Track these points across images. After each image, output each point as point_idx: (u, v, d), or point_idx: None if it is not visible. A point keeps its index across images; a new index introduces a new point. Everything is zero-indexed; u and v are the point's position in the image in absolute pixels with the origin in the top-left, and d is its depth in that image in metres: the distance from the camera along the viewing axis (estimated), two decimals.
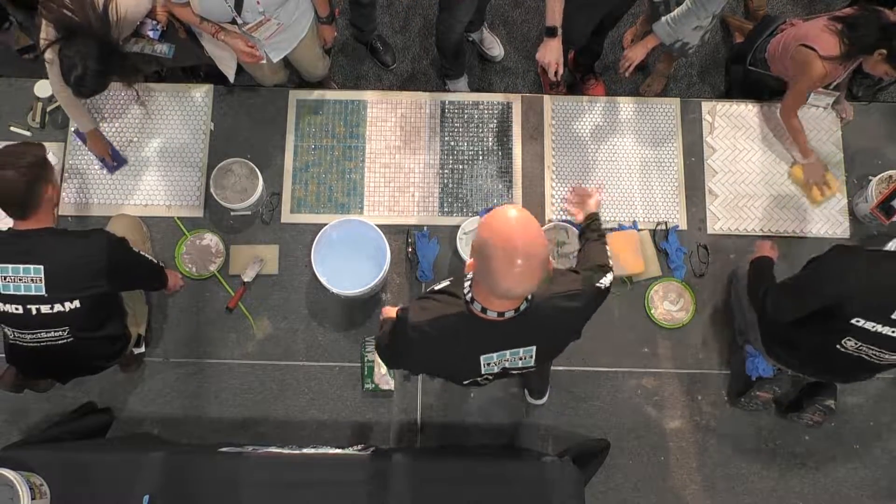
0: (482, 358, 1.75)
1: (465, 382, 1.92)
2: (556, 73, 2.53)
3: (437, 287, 1.78)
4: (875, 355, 2.24)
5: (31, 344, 2.22)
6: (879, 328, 2.15)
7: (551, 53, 2.51)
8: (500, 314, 1.62)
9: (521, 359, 1.77)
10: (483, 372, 1.80)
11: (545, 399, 2.65)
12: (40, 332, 2.19)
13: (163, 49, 2.61)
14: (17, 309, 2.14)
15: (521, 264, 1.47)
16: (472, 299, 1.63)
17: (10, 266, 2.10)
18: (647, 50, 2.80)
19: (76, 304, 2.16)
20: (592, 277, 1.80)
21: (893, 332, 2.15)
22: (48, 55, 2.32)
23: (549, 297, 1.69)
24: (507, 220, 1.52)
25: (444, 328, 1.69)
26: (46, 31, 2.28)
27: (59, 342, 2.22)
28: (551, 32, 2.49)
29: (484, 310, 1.62)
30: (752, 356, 2.56)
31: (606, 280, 1.82)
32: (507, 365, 1.80)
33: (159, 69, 2.99)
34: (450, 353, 1.77)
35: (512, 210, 1.54)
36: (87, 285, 2.16)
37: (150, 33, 2.60)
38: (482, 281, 1.57)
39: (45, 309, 2.14)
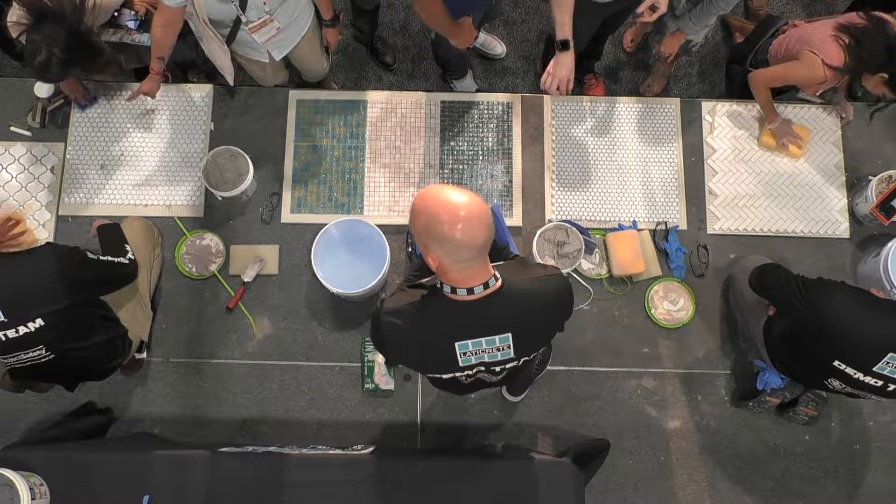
0: (457, 346, 1.75)
1: (447, 377, 1.89)
2: (567, 89, 2.43)
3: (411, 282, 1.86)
4: (864, 396, 2.22)
5: (17, 365, 2.17)
6: (861, 376, 2.11)
7: (563, 68, 2.41)
8: (470, 290, 1.65)
9: (498, 349, 1.77)
10: (461, 364, 1.80)
11: (522, 397, 2.65)
12: (19, 355, 2.11)
13: (142, 39, 2.60)
14: None
15: (463, 215, 1.56)
16: (441, 284, 1.69)
17: None
18: (680, 43, 2.92)
19: (39, 322, 2.04)
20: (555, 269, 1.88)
21: (876, 382, 2.10)
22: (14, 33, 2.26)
23: (522, 280, 1.74)
24: (427, 197, 1.61)
25: (415, 313, 1.73)
26: (17, 15, 2.21)
27: (42, 360, 2.15)
28: (564, 46, 2.40)
29: (454, 290, 1.66)
30: (762, 370, 2.55)
31: (563, 270, 1.88)
32: (486, 358, 1.79)
33: (142, 66, 2.95)
34: (423, 338, 1.77)
35: (422, 191, 1.64)
36: (45, 303, 2.04)
37: (129, 23, 2.60)
38: (444, 258, 1.61)
39: (11, 334, 2.03)
